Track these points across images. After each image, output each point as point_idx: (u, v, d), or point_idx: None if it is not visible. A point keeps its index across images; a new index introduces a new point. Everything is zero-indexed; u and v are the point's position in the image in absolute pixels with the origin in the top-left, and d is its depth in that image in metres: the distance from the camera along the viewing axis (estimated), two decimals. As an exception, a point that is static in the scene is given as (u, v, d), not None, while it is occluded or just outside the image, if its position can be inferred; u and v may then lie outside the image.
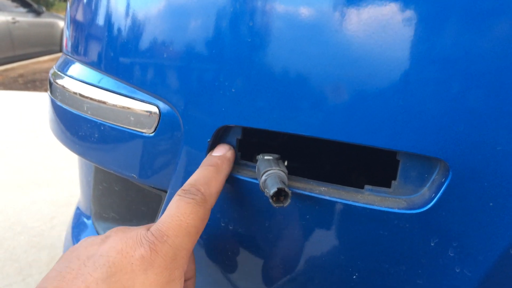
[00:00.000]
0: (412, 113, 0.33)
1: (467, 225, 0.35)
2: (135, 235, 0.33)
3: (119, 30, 0.48)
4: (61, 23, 6.75)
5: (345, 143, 0.37)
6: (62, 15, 7.22)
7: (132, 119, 0.48)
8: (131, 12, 0.46)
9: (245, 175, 0.43)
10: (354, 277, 0.41)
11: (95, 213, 0.76)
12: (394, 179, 0.38)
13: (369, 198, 0.38)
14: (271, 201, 0.35)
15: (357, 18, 0.33)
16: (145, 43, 0.45)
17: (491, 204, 0.34)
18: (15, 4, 6.01)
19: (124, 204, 0.70)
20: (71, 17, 0.60)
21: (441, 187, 0.35)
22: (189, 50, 0.41)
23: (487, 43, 0.30)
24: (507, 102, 0.31)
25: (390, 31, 0.32)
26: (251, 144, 0.50)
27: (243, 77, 0.39)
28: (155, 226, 0.33)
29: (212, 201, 0.37)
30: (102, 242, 0.33)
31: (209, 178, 0.38)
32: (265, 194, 0.36)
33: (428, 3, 0.31)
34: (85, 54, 0.55)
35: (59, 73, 0.61)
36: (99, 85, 0.52)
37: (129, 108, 0.48)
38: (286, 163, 0.48)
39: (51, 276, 0.30)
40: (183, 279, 0.33)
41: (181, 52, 0.42)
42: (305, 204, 0.40)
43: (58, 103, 0.59)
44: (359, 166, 0.63)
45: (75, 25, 0.58)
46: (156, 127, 0.47)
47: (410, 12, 0.32)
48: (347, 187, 0.40)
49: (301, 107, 0.37)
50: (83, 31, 0.55)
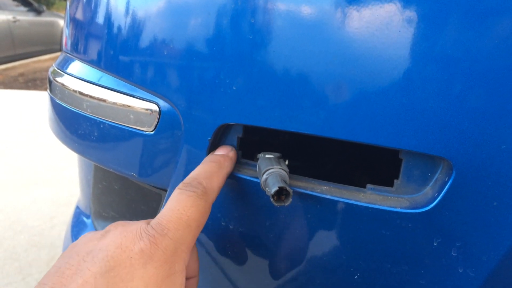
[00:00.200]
0: (415, 111, 0.33)
1: (470, 224, 0.34)
2: (135, 229, 0.32)
3: (119, 27, 0.48)
4: (62, 22, 6.75)
5: (347, 141, 0.36)
6: (62, 14, 7.22)
7: (132, 117, 0.48)
8: (131, 9, 0.46)
9: (246, 173, 0.42)
10: (356, 277, 0.40)
11: (95, 212, 0.75)
12: (396, 178, 0.38)
13: (371, 197, 0.38)
14: (272, 200, 0.35)
15: (359, 16, 0.33)
16: (145, 41, 0.45)
17: (495, 203, 0.33)
18: (15, 3, 6.01)
19: (123, 203, 0.70)
20: (71, 15, 0.60)
21: (444, 186, 0.34)
22: (190, 47, 0.41)
23: (490, 41, 0.30)
24: (511, 100, 0.31)
25: (392, 28, 0.32)
26: (252, 142, 0.50)
27: (244, 74, 0.38)
28: (155, 219, 0.33)
29: (213, 196, 0.37)
30: (101, 237, 0.33)
31: (211, 172, 0.38)
32: (266, 193, 0.36)
33: (431, 0, 0.31)
34: (85, 52, 0.55)
35: (59, 71, 0.61)
36: (99, 83, 0.52)
37: (129, 106, 0.48)
38: (287, 162, 0.47)
39: (52, 272, 0.30)
40: (185, 273, 0.33)
41: (182, 49, 0.42)
42: (307, 203, 0.39)
43: (57, 101, 0.59)
44: (361, 165, 0.63)
45: (75, 23, 0.58)
46: (156, 125, 0.47)
47: (413, 9, 0.31)
48: (349, 186, 0.39)
49: (302, 105, 0.36)
50: (83, 29, 0.55)
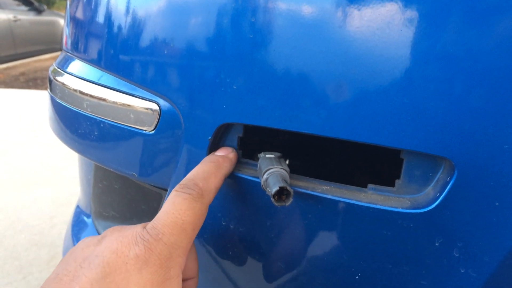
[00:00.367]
0: (416, 110, 0.33)
1: (472, 225, 0.34)
2: (130, 234, 0.32)
3: (119, 27, 0.48)
4: (62, 21, 6.72)
5: (348, 141, 0.36)
6: (63, 13, 7.22)
7: (132, 116, 0.48)
8: (131, 8, 0.46)
9: (246, 173, 0.42)
10: (356, 277, 0.40)
11: (95, 211, 0.75)
12: (398, 178, 0.37)
13: (372, 197, 0.38)
14: (272, 200, 0.34)
15: (360, 15, 0.33)
16: (145, 40, 0.45)
17: (497, 203, 0.33)
18: (16, 2, 6.01)
19: (124, 202, 0.70)
20: (71, 14, 0.60)
21: (446, 186, 0.34)
22: (190, 46, 0.41)
23: (492, 40, 0.30)
24: (513, 99, 0.30)
25: (393, 27, 0.32)
26: (252, 142, 0.49)
27: (245, 74, 0.38)
28: (151, 224, 0.33)
29: (210, 197, 0.36)
30: (98, 242, 0.33)
31: (208, 173, 0.38)
32: (267, 193, 0.35)
33: (433, -2, 0.31)
34: (85, 51, 0.55)
35: (59, 70, 0.60)
36: (99, 82, 0.52)
37: (129, 105, 0.48)
38: (288, 161, 0.47)
39: (50, 278, 0.30)
40: (181, 278, 0.33)
41: (182, 48, 0.41)
42: (307, 203, 0.39)
43: (57, 101, 0.59)
44: (363, 165, 0.62)
45: (75, 22, 0.58)
46: (156, 125, 0.46)
47: (414, 8, 0.31)
48: (350, 186, 0.39)
49: (303, 104, 0.36)
50: (83, 28, 0.55)
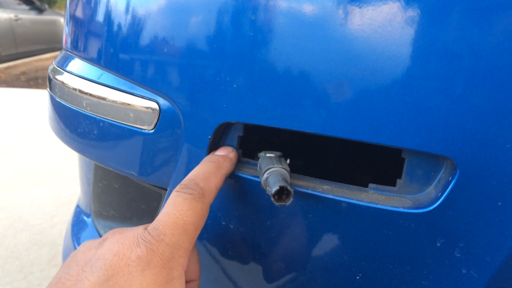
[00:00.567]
0: (418, 109, 0.32)
1: (474, 225, 0.34)
2: (131, 235, 0.32)
3: (119, 25, 0.47)
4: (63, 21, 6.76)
5: (349, 140, 0.36)
6: (64, 13, 7.23)
7: (131, 115, 0.48)
8: (131, 7, 0.46)
9: (246, 173, 0.42)
10: (357, 277, 0.40)
11: (95, 211, 0.75)
12: (399, 177, 0.37)
13: (373, 197, 0.37)
14: (272, 199, 0.34)
15: (361, 13, 0.32)
16: (145, 39, 0.44)
17: (500, 203, 0.33)
18: (17, 1, 6.02)
19: (124, 202, 0.70)
20: (71, 13, 0.60)
21: (448, 186, 0.34)
22: (190, 45, 0.41)
23: (495, 38, 0.30)
24: (516, 98, 0.30)
25: (395, 26, 0.32)
26: (252, 141, 0.49)
27: (245, 72, 0.38)
28: (152, 225, 0.33)
29: (211, 197, 0.36)
30: (99, 245, 0.33)
31: (209, 173, 0.38)
32: (267, 192, 0.35)
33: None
34: (85, 49, 0.54)
35: (59, 69, 0.60)
36: (99, 81, 0.51)
37: (128, 104, 0.48)
38: (288, 161, 0.47)
39: (53, 283, 0.30)
40: (184, 278, 0.33)
41: (182, 47, 0.41)
42: (308, 202, 0.39)
43: (57, 100, 0.58)
44: (364, 164, 0.62)
45: (75, 20, 0.58)
46: (156, 124, 0.46)
47: (415, 6, 0.31)
48: (351, 186, 0.39)
49: (304, 103, 0.36)
50: (83, 27, 0.55)
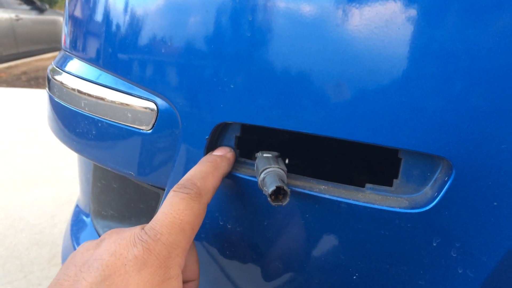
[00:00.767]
0: (414, 110, 0.32)
1: (470, 225, 0.34)
2: (128, 235, 0.32)
3: (118, 26, 0.47)
4: (64, 21, 6.76)
5: (346, 141, 0.36)
6: (65, 13, 7.23)
7: (129, 115, 0.48)
8: (129, 7, 0.46)
9: (243, 173, 0.42)
10: (354, 277, 0.40)
11: (94, 210, 0.75)
12: (396, 177, 0.37)
13: (370, 197, 0.37)
14: (269, 199, 0.34)
15: (359, 13, 0.32)
16: (143, 39, 0.44)
17: (495, 203, 0.33)
18: (18, 1, 6.02)
19: (122, 201, 0.70)
20: (69, 13, 0.60)
21: (444, 186, 0.34)
22: (188, 45, 0.41)
23: (491, 38, 0.30)
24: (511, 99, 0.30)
25: (391, 26, 0.32)
26: (250, 141, 0.49)
27: (242, 73, 0.38)
28: (149, 224, 0.33)
29: (208, 197, 0.36)
30: (97, 246, 0.33)
31: (206, 173, 0.38)
32: (264, 192, 0.35)
33: (431, -4, 0.31)
34: (84, 50, 0.55)
35: (58, 69, 0.60)
36: (97, 81, 0.52)
37: (127, 104, 0.48)
38: (287, 161, 0.47)
39: (52, 284, 0.30)
40: (181, 278, 0.33)
41: (180, 47, 0.41)
42: (305, 202, 0.39)
43: (56, 100, 0.58)
44: (361, 164, 0.62)
45: (74, 21, 0.58)
46: (154, 124, 0.46)
47: (412, 6, 0.31)
48: (348, 186, 0.39)
49: (301, 103, 0.36)
50: (82, 27, 0.55)
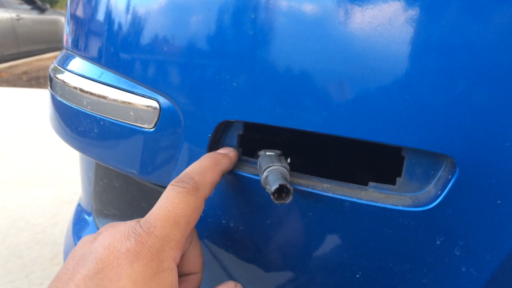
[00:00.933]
0: (418, 108, 0.32)
1: (474, 223, 0.34)
2: (123, 229, 0.32)
3: (120, 24, 0.47)
4: (65, 21, 6.77)
5: (349, 139, 0.36)
6: (66, 12, 7.24)
7: (132, 114, 0.48)
8: (131, 6, 0.46)
9: (246, 171, 0.42)
10: (357, 276, 0.40)
11: (96, 209, 0.75)
12: (399, 176, 0.37)
13: (373, 195, 0.37)
14: (272, 197, 0.34)
15: (361, 11, 0.32)
16: (145, 38, 0.44)
17: (499, 201, 0.33)
18: (19, 1, 6.03)
19: (124, 200, 0.70)
20: (71, 12, 0.60)
21: (448, 184, 0.34)
22: (190, 44, 0.41)
23: (495, 36, 0.30)
24: (516, 96, 0.30)
25: (394, 24, 0.32)
26: (252, 140, 0.49)
27: (245, 71, 0.38)
28: (144, 218, 0.33)
29: (205, 191, 0.36)
30: (94, 239, 0.33)
31: (205, 168, 0.38)
32: (267, 190, 0.35)
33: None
34: (86, 48, 0.55)
35: (60, 68, 0.60)
36: (100, 79, 0.52)
37: (129, 103, 0.48)
38: (289, 159, 0.47)
39: (54, 279, 0.31)
40: (176, 271, 0.33)
41: (182, 46, 0.41)
42: (308, 201, 0.39)
43: (58, 98, 0.59)
44: (364, 162, 0.62)
45: (76, 19, 0.58)
46: (156, 123, 0.46)
47: (415, 4, 0.31)
48: (351, 184, 0.39)
49: (304, 102, 0.36)
50: (84, 26, 0.55)
